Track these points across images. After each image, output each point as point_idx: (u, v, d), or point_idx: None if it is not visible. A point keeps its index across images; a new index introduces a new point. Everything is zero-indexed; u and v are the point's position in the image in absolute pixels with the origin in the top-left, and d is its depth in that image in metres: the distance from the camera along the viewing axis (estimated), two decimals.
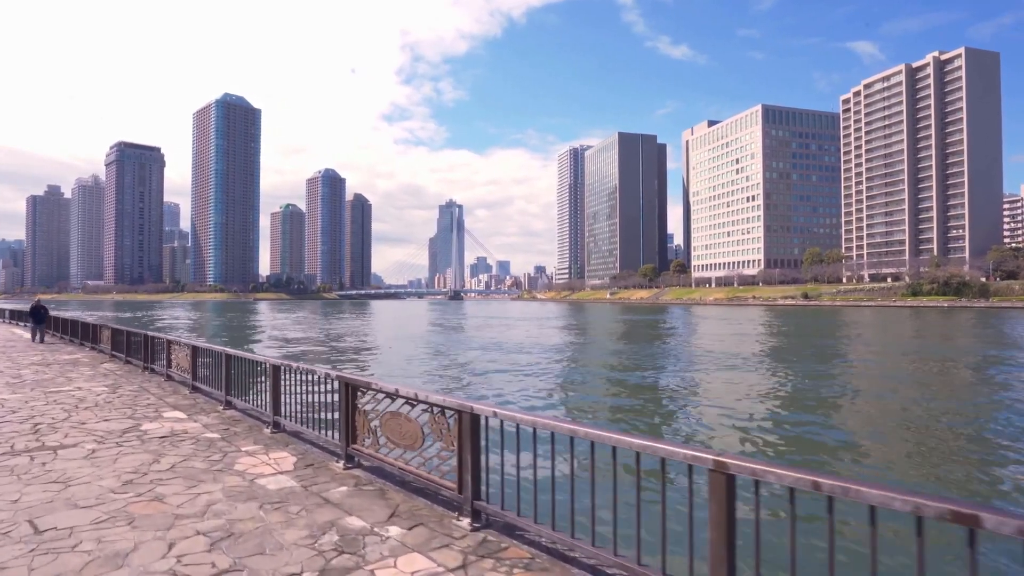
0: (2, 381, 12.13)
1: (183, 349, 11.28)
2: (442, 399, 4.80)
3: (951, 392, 19.84)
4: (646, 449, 3.27)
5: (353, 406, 5.95)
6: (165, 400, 9.94)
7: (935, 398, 18.12)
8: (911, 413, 15.64)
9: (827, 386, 20.57)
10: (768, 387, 20.35)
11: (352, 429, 5.97)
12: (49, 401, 9.80)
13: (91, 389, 11.11)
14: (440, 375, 23.87)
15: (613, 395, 19.19)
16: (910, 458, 11.56)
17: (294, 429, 7.36)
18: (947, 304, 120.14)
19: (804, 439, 12.98)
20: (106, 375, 13.18)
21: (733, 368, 25.00)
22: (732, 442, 12.40)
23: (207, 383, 10.25)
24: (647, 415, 15.80)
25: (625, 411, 16.33)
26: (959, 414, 15.60)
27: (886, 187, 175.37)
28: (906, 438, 13.12)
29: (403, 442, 5.27)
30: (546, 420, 3.98)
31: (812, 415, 15.40)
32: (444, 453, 4.82)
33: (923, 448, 12.24)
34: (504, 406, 4.76)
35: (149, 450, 6.61)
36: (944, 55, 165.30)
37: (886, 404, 17.33)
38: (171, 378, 12.10)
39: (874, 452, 11.94)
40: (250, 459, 6.28)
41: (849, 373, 24.46)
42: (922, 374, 23.92)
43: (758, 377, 22.65)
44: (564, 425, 3.82)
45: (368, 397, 5.78)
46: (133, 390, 11.02)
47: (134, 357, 14.81)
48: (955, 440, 12.87)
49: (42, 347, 20.04)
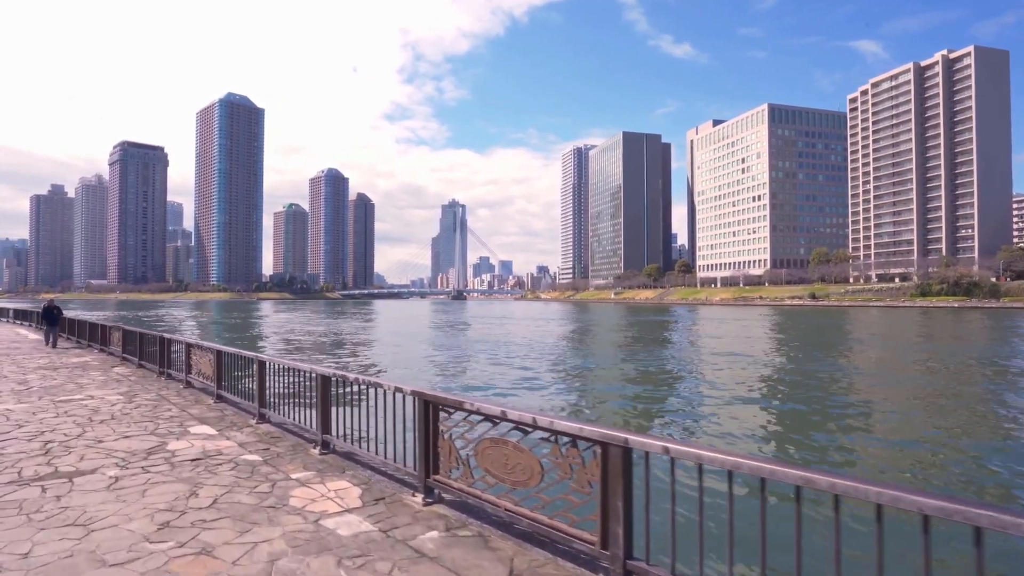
0: (7, 388, 11.10)
1: (206, 354, 10.21)
2: (576, 427, 3.73)
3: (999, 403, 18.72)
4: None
5: (435, 429, 4.88)
6: (189, 412, 8.88)
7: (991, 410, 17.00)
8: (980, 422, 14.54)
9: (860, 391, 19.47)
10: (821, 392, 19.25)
11: (433, 456, 4.90)
12: (59, 412, 8.74)
13: (104, 398, 10.06)
14: (488, 377, 22.77)
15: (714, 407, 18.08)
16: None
17: (346, 450, 6.30)
18: (957, 304, 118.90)
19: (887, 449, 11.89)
20: (119, 381, 12.12)
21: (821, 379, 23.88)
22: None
23: (235, 392, 9.21)
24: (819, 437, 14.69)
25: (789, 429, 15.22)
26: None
27: (894, 186, 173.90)
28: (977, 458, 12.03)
29: (510, 477, 4.20)
30: (744, 460, 2.90)
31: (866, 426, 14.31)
32: (575, 496, 3.75)
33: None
34: (673, 439, 3.69)
35: (182, 477, 5.55)
36: (953, 53, 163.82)
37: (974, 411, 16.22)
38: (191, 385, 11.05)
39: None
40: (305, 490, 5.21)
41: (887, 381, 23.33)
42: (967, 382, 22.79)
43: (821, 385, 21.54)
44: (791, 471, 2.72)
45: (457, 419, 4.71)
46: (151, 399, 9.96)
47: (148, 361, 13.77)
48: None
49: (49, 349, 19.01)
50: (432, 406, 4.88)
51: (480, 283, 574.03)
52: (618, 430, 3.53)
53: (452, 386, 20.19)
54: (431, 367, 26.31)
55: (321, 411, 6.54)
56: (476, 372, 24.21)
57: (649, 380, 21.90)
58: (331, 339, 42.78)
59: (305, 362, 7.29)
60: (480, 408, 4.43)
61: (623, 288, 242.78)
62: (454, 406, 4.69)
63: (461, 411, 4.61)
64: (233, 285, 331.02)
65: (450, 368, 25.90)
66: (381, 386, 5.51)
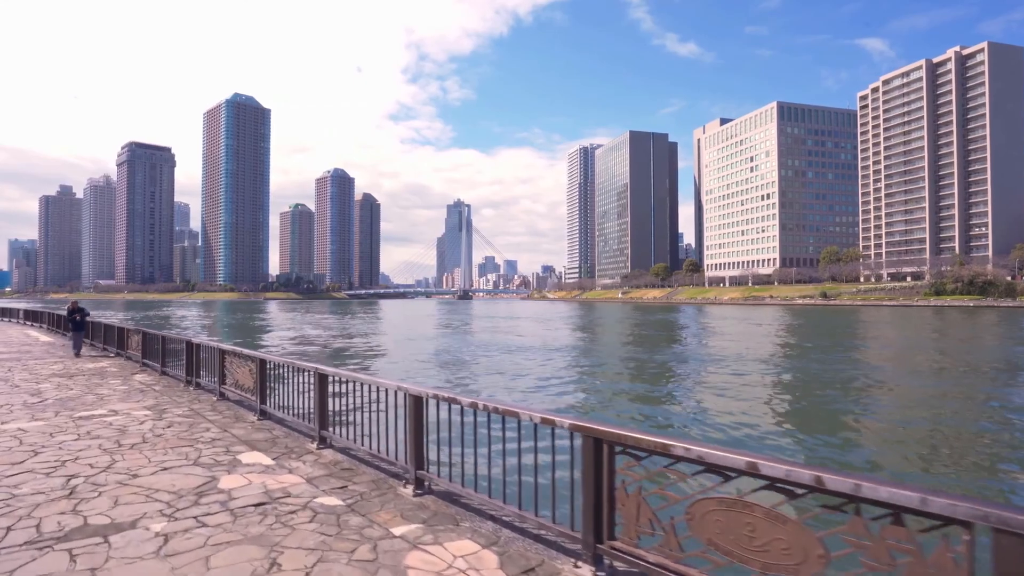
0: (19, 400, 9.82)
1: (246, 363, 8.88)
2: (910, 495, 2.39)
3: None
4: None
5: (610, 479, 3.55)
6: (231, 432, 7.57)
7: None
8: None
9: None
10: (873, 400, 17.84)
11: (608, 515, 3.57)
12: (80, 433, 7.45)
13: (130, 413, 8.76)
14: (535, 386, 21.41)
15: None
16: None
17: (447, 489, 4.98)
18: (973, 304, 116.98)
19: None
20: (143, 391, 10.83)
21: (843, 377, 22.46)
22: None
23: (281, 407, 7.89)
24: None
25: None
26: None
27: (905, 184, 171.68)
28: None
29: (760, 558, 2.85)
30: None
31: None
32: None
33: None
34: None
35: (251, 535, 4.23)
36: (966, 50, 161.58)
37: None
38: (225, 397, 9.75)
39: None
40: (421, 557, 3.87)
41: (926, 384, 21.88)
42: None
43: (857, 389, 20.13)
44: None
45: (649, 466, 3.39)
46: (183, 415, 8.65)
47: (172, 367, 12.49)
48: None
49: (62, 354, 17.74)
50: (607, 446, 3.54)
51: (485, 283, 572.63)
52: (996, 506, 2.20)
53: (562, 406, 18.76)
54: (513, 376, 23.48)
55: (412, 438, 5.20)
56: (573, 384, 22.78)
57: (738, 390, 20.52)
58: (364, 342, 41.27)
59: (378, 376, 5.97)
60: (702, 455, 3.08)
61: (630, 288, 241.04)
62: (650, 449, 3.35)
63: (663, 456, 3.27)
64: (240, 285, 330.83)
65: (559, 383, 21.43)
66: (519, 416, 4.13)
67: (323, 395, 6.75)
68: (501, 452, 4.22)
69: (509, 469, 4.20)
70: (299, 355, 27.19)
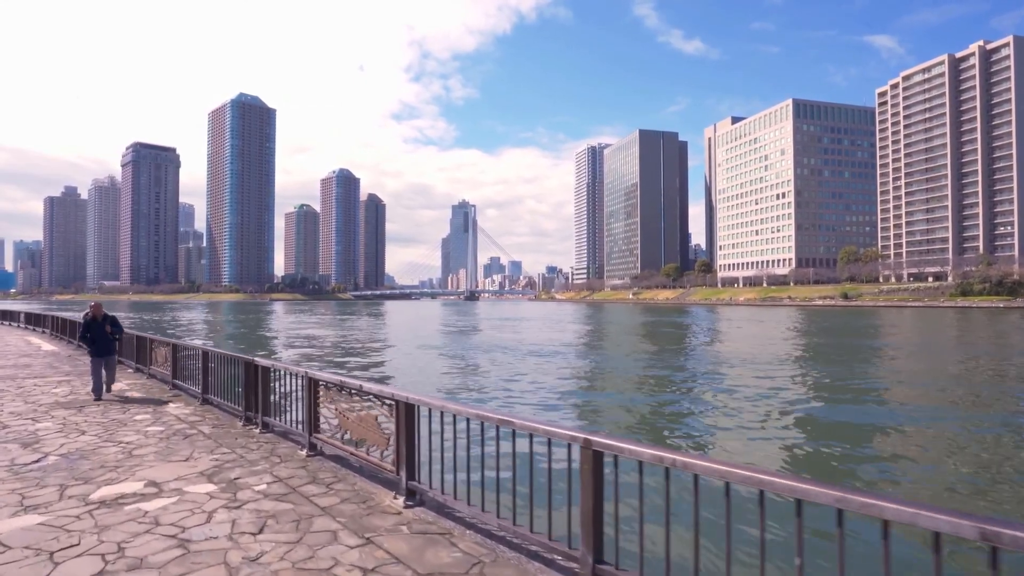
0: (5, 458, 6.40)
1: (368, 403, 5.36)
2: None
3: None
4: None
5: None
6: (379, 544, 4.13)
7: None
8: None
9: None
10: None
11: None
12: (106, 551, 4.02)
13: (184, 491, 5.23)
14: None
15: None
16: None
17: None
18: (1003, 304, 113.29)
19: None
20: (187, 437, 7.34)
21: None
22: None
23: (446, 489, 4.51)
24: None
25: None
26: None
27: (927, 183, 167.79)
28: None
29: None
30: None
31: None
32: None
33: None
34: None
35: None
36: (990, 44, 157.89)
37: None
38: (319, 452, 6.30)
39: None
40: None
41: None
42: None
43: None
44: None
45: None
46: (273, 495, 5.10)
47: (219, 395, 9.07)
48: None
49: (68, 369, 14.26)
50: None
51: (491, 283, 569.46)
52: None
53: (581, 418, 15.39)
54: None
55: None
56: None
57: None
58: (410, 355, 37.65)
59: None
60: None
61: (641, 288, 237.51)
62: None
63: None
64: (245, 286, 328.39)
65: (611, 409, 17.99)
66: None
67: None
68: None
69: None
70: (372, 375, 23.87)
